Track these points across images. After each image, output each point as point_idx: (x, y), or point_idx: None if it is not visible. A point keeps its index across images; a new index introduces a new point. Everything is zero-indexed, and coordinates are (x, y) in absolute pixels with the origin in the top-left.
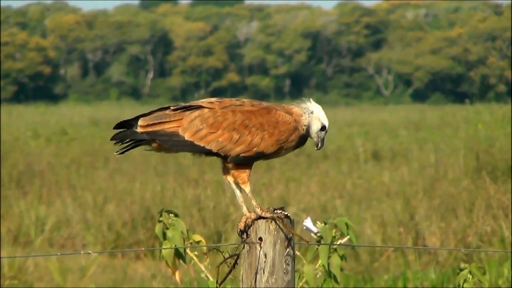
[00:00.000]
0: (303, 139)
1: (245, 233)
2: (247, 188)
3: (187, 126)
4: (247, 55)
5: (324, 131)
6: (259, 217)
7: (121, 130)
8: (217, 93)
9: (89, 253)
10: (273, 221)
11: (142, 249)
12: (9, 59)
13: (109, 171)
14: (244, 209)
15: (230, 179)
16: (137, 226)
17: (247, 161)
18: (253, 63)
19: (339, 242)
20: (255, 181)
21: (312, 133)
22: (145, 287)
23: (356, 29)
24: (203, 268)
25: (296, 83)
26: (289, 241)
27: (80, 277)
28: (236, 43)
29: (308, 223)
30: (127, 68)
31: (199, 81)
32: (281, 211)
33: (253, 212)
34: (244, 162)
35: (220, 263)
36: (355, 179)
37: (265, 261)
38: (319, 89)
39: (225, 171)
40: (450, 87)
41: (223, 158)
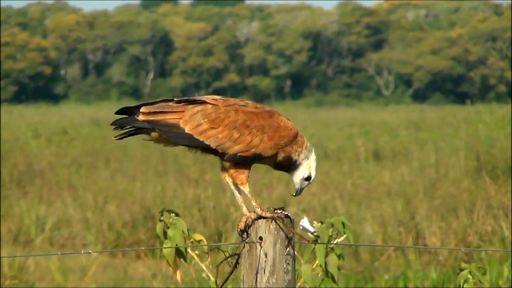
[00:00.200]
0: (290, 159)
1: (245, 233)
2: (246, 189)
3: (188, 119)
4: (247, 56)
5: (307, 182)
6: (260, 217)
7: (122, 116)
8: (218, 94)
9: (90, 252)
10: (274, 221)
11: (142, 248)
12: (10, 59)
13: (109, 171)
14: (244, 209)
15: (228, 179)
16: (137, 226)
17: (243, 161)
18: (253, 63)
19: (335, 241)
20: (255, 181)
21: (297, 176)
22: (146, 286)
23: (356, 29)
24: (204, 267)
25: (296, 83)
26: (289, 240)
27: (80, 277)
28: (236, 43)
29: (305, 222)
30: (127, 68)
31: (200, 81)
32: (281, 211)
33: (253, 212)
34: (240, 162)
35: (220, 262)
36: (356, 179)
37: (265, 261)
38: (320, 89)
39: (223, 171)
40: (450, 87)
41: (220, 155)
